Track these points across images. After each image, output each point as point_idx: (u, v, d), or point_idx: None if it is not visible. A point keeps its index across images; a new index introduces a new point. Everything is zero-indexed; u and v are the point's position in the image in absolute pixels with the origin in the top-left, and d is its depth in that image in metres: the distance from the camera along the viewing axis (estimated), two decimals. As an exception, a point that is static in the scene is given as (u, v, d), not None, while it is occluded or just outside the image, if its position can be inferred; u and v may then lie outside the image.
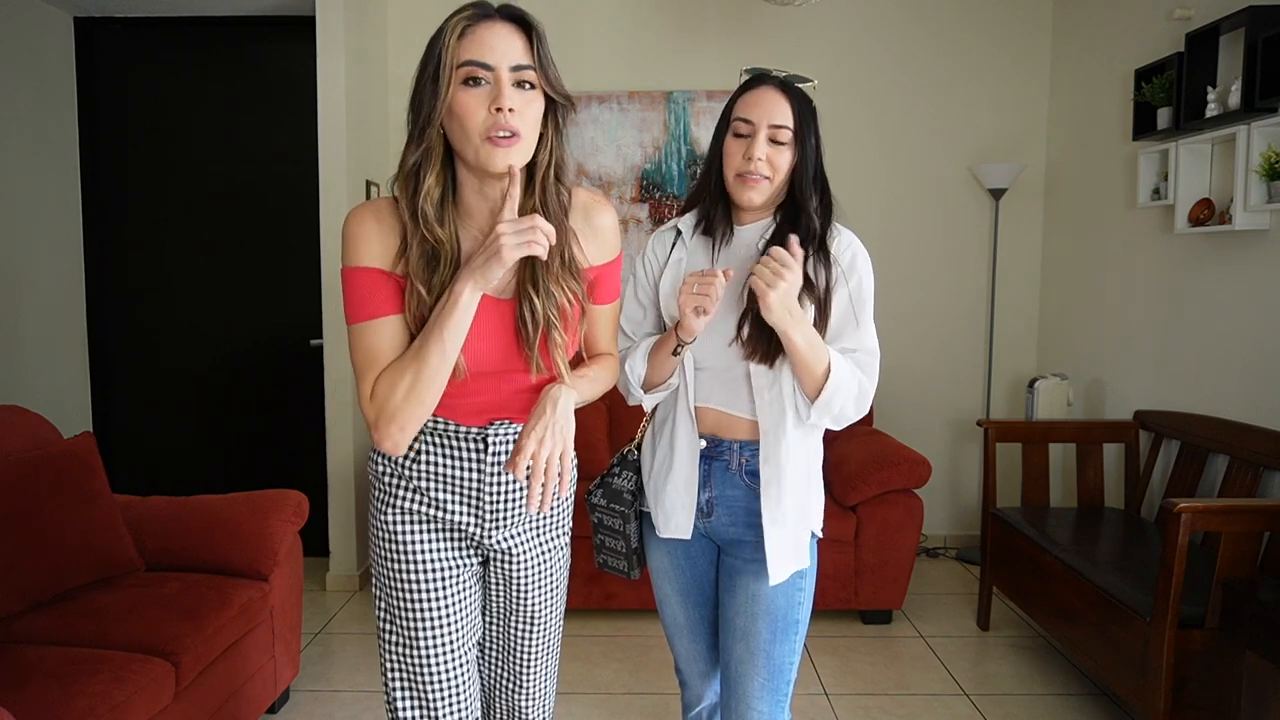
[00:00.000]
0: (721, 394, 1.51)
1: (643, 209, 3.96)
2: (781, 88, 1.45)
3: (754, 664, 1.53)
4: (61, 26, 3.67)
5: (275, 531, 2.44)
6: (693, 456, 1.53)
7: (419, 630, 1.39)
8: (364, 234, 1.23)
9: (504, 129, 1.15)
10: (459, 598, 1.41)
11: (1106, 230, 3.49)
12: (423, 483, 1.34)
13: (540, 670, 1.54)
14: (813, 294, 1.44)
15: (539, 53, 1.19)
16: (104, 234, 3.81)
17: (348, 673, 2.86)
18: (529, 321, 1.26)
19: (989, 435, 3.15)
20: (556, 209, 1.28)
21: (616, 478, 1.64)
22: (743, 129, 1.45)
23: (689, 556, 1.62)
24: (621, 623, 3.23)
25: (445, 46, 1.15)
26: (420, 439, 1.34)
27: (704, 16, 3.92)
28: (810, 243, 1.46)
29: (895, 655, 3.00)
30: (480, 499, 1.35)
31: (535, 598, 1.48)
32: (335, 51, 3.38)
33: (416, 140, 1.19)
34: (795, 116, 1.43)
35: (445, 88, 1.15)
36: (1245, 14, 2.57)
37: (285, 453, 3.86)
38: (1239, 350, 2.75)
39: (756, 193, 1.45)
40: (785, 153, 1.44)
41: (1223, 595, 2.10)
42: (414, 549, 1.37)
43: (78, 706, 1.71)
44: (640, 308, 1.61)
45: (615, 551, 1.66)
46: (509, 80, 1.16)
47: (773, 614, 1.52)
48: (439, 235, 1.21)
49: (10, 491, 2.13)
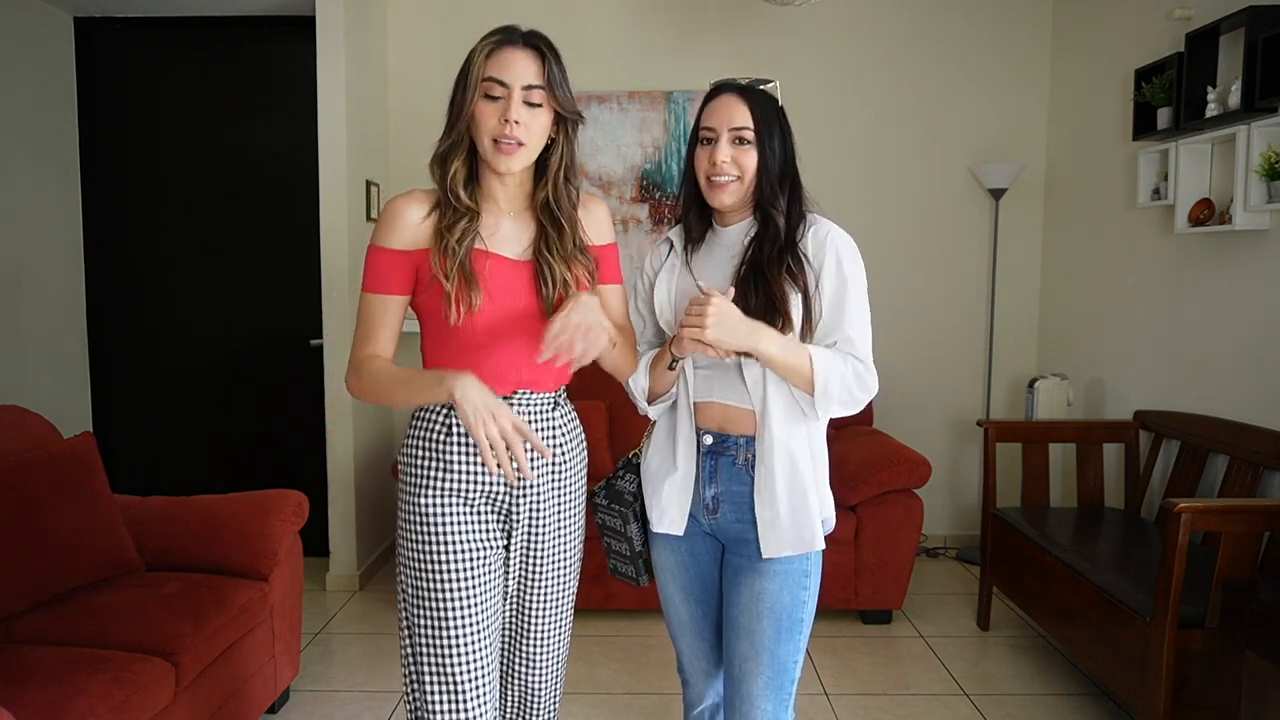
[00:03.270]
0: (723, 389, 1.55)
1: (643, 209, 3.96)
2: (740, 92, 1.52)
3: (757, 662, 1.54)
4: (61, 26, 3.67)
5: (275, 531, 2.44)
6: (690, 452, 1.57)
7: (449, 612, 1.47)
8: (396, 218, 1.46)
9: (509, 138, 1.41)
10: (486, 580, 1.50)
11: (1106, 230, 3.49)
12: (455, 456, 1.48)
13: (551, 652, 1.63)
14: (796, 296, 1.49)
15: (550, 75, 1.43)
16: (104, 234, 3.81)
17: (348, 673, 2.86)
18: (548, 279, 1.46)
19: (989, 435, 3.15)
20: (566, 203, 1.51)
21: (620, 479, 1.69)
22: (708, 135, 1.53)
23: (693, 554, 1.64)
24: (621, 623, 3.23)
25: (475, 62, 1.41)
26: (451, 414, 1.48)
27: (704, 16, 3.92)
28: (780, 242, 1.51)
29: (895, 655, 3.00)
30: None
31: (551, 574, 1.59)
32: (335, 51, 3.38)
33: (449, 132, 1.45)
34: (754, 117, 1.50)
35: (472, 95, 1.41)
36: (1245, 14, 2.57)
37: (285, 453, 3.86)
38: (1239, 350, 2.75)
39: (727, 194, 1.52)
40: (750, 152, 1.51)
41: (1223, 595, 2.10)
42: (447, 529, 1.48)
43: (78, 706, 1.70)
44: (640, 319, 1.69)
45: (621, 555, 1.71)
46: (520, 98, 1.41)
47: (776, 612, 1.53)
48: (466, 202, 1.46)
49: (10, 491, 2.13)
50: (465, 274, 1.41)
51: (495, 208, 1.50)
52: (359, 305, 1.51)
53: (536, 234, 1.50)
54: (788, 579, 1.53)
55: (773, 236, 1.51)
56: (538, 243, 1.49)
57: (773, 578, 1.53)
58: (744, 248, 1.55)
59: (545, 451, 1.36)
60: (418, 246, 1.46)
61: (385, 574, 3.74)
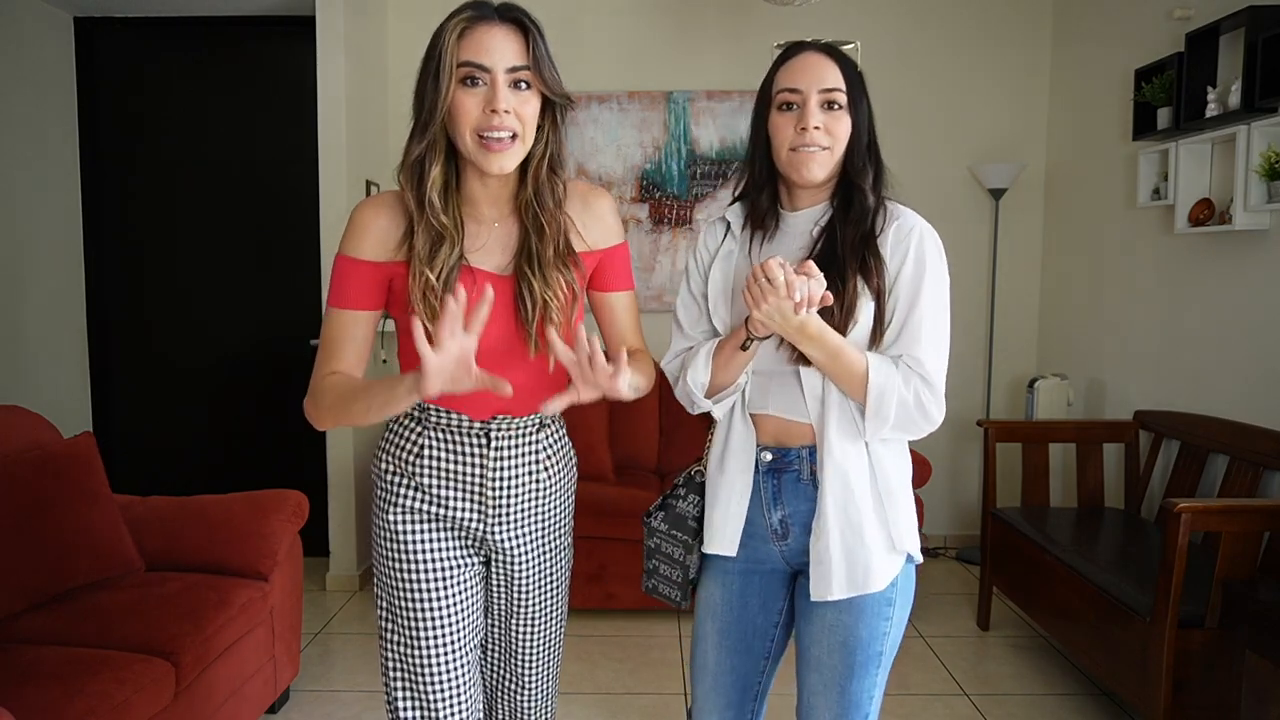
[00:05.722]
0: (780, 399, 1.36)
1: (643, 209, 3.96)
2: (826, 51, 1.33)
3: (827, 697, 1.38)
4: (61, 26, 3.67)
5: (275, 531, 2.44)
6: (748, 464, 1.38)
7: (420, 629, 1.38)
8: (365, 227, 1.29)
9: (497, 129, 1.20)
10: (461, 597, 1.41)
11: (1106, 230, 3.49)
12: (425, 479, 1.36)
13: (542, 671, 1.54)
14: (869, 297, 1.30)
15: (535, 53, 1.21)
16: (104, 234, 3.81)
17: (348, 673, 2.86)
18: (528, 301, 1.29)
19: (989, 435, 3.15)
20: (549, 201, 1.31)
21: (681, 500, 1.49)
22: (791, 98, 1.31)
23: (743, 596, 1.44)
24: (621, 623, 3.23)
25: (445, 46, 1.19)
26: (424, 434, 1.36)
27: (704, 16, 3.92)
28: (864, 228, 1.32)
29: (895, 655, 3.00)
30: (483, 494, 1.37)
31: (536, 598, 1.48)
32: (335, 51, 3.38)
33: (420, 134, 1.24)
34: (846, 79, 1.31)
35: (446, 86, 1.19)
36: (1245, 14, 2.57)
37: (285, 453, 3.85)
38: (1239, 350, 2.75)
39: (817, 165, 1.32)
40: (843, 118, 1.32)
41: (1223, 595, 2.11)
42: (416, 547, 1.38)
43: (78, 706, 1.70)
44: (696, 304, 1.47)
45: (669, 580, 1.51)
46: (505, 82, 1.20)
47: (850, 647, 1.36)
48: (444, 221, 1.26)
49: (10, 491, 2.13)
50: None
51: (478, 214, 1.32)
52: (323, 322, 1.34)
53: (520, 241, 1.32)
54: (865, 610, 1.35)
55: (855, 219, 1.32)
56: (519, 255, 1.31)
57: (848, 609, 1.35)
58: (813, 238, 1.35)
59: (505, 389, 1.13)
60: (391, 259, 1.28)
61: (385, 574, 3.74)
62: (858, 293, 1.30)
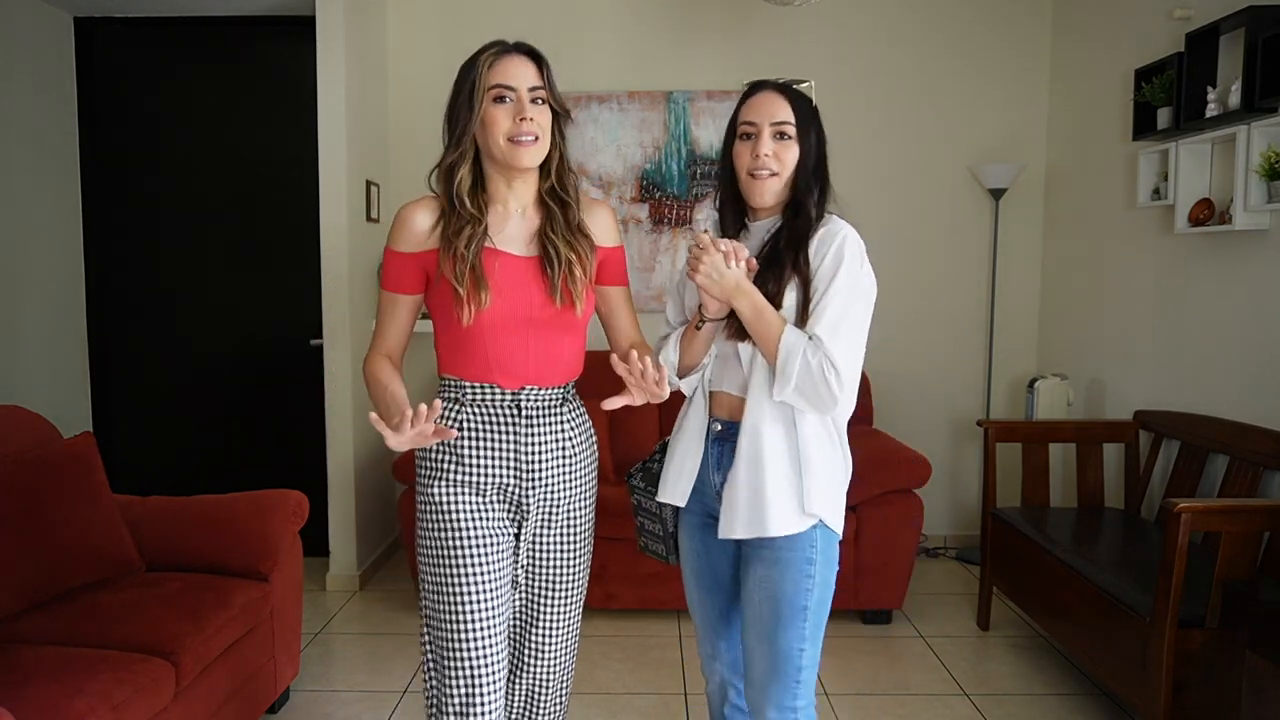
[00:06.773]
0: (731, 378, 1.60)
1: (643, 209, 3.96)
2: (780, 90, 1.58)
3: (760, 648, 1.58)
4: (61, 26, 3.67)
5: (275, 531, 2.44)
6: (700, 430, 1.63)
7: (464, 598, 1.54)
8: (404, 223, 1.58)
9: (526, 133, 1.51)
10: (499, 567, 1.58)
11: (1106, 230, 3.49)
12: (465, 451, 1.58)
13: (562, 639, 1.71)
14: (794, 288, 1.53)
15: (546, 77, 1.55)
16: (104, 234, 3.81)
17: (348, 673, 2.86)
18: (554, 259, 1.55)
19: (989, 435, 3.15)
20: (569, 184, 1.61)
21: (656, 463, 1.74)
22: (748, 130, 1.57)
23: (705, 545, 1.68)
24: (621, 623, 3.23)
25: (479, 75, 1.51)
26: (461, 411, 1.58)
27: (704, 16, 3.92)
28: (798, 235, 1.56)
29: (895, 655, 3.00)
30: (518, 456, 1.59)
31: (560, 565, 1.67)
32: (335, 51, 3.38)
33: (454, 146, 1.55)
34: (795, 113, 1.56)
35: (479, 105, 1.51)
36: (1245, 14, 2.57)
37: (285, 453, 3.86)
38: (1239, 350, 2.75)
39: (768, 193, 1.57)
40: (791, 147, 1.56)
41: (1223, 595, 2.11)
42: (460, 519, 1.56)
43: (78, 706, 1.70)
44: (675, 298, 1.75)
45: (654, 535, 1.77)
46: (528, 98, 1.52)
47: (776, 599, 1.55)
48: (469, 209, 1.55)
49: (10, 491, 2.13)
50: (476, 275, 1.50)
51: (501, 209, 1.59)
52: (378, 300, 1.67)
53: (541, 221, 1.59)
54: (789, 566, 1.55)
55: (798, 228, 1.56)
56: (542, 228, 1.58)
57: (774, 564, 1.55)
58: (763, 242, 1.60)
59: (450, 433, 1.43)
60: (424, 249, 1.57)
61: (385, 574, 3.74)
62: (787, 280, 1.53)
